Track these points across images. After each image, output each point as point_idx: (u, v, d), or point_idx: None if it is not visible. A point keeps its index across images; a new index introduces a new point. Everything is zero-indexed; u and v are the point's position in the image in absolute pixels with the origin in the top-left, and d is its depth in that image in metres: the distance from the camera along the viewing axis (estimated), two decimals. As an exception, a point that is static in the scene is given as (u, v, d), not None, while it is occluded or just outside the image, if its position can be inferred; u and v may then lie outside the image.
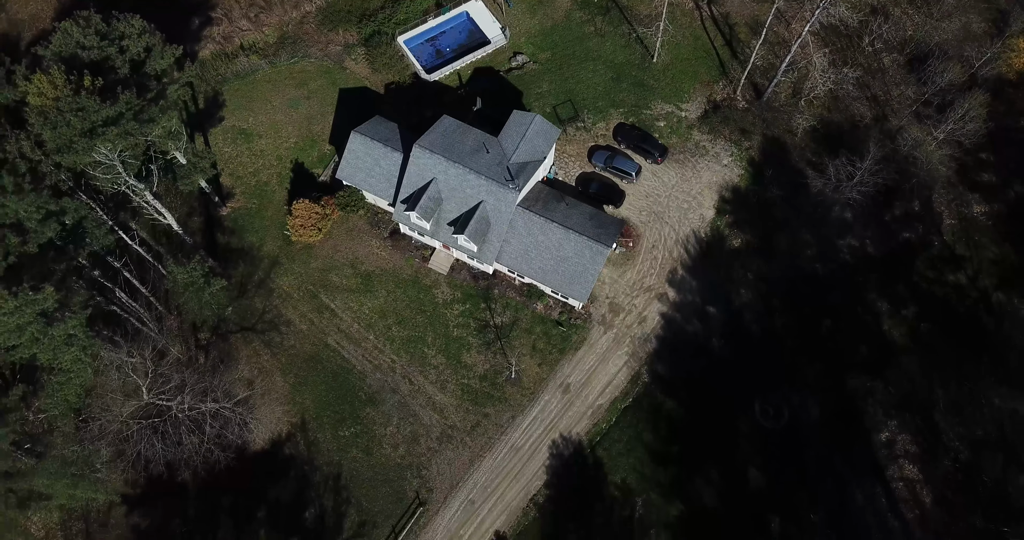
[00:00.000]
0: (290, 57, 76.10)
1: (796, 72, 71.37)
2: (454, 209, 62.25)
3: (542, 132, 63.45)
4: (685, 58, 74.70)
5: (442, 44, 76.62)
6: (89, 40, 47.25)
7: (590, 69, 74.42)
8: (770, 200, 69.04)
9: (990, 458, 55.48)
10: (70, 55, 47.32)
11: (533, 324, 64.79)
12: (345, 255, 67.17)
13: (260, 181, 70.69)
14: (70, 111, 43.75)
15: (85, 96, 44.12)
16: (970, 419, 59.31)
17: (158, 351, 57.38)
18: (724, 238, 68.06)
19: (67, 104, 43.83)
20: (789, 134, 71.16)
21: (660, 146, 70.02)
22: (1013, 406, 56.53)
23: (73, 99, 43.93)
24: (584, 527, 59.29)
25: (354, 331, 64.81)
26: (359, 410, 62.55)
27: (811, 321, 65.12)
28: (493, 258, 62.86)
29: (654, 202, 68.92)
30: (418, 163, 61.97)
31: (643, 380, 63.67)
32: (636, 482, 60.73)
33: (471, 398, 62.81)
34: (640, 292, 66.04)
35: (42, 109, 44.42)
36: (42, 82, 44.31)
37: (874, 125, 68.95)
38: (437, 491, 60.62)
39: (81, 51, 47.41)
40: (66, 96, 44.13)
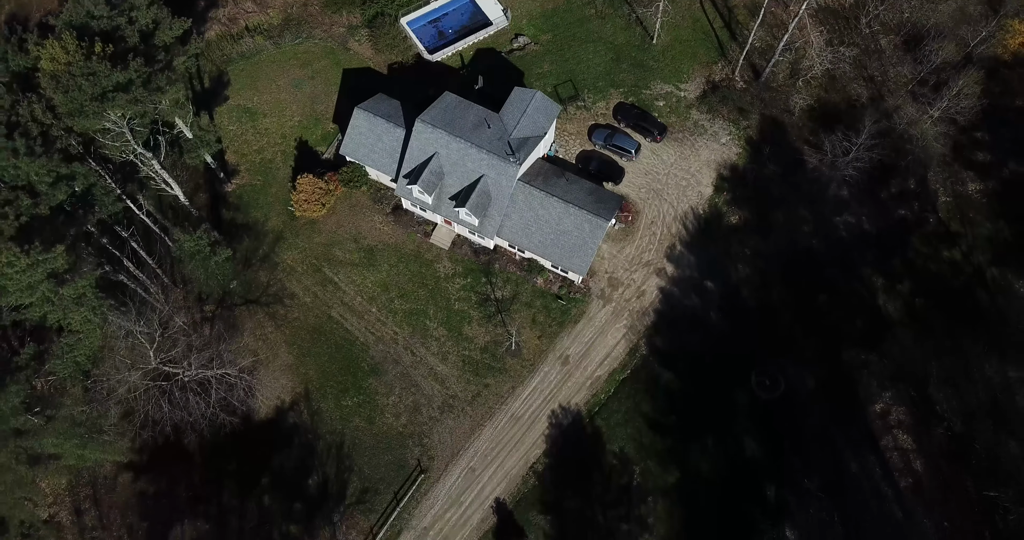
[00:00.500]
0: (294, 38, 77.42)
1: (793, 53, 72.61)
2: (455, 183, 63.52)
3: (543, 108, 64.71)
4: (684, 39, 75.93)
5: (444, 25, 77.93)
6: (99, 10, 48.69)
7: (590, 50, 75.62)
8: (768, 177, 70.24)
9: (982, 425, 56.52)
10: (81, 24, 48.76)
11: (533, 298, 66.02)
12: (348, 230, 68.47)
13: (265, 159, 72.02)
14: (82, 75, 45.15)
15: (96, 61, 45.51)
16: (964, 390, 60.33)
17: (163, 321, 58.52)
18: (722, 215, 69.29)
19: (79, 68, 45.24)
20: (787, 114, 72.36)
21: (659, 124, 71.26)
22: (1004, 375, 57.54)
23: (84, 64, 45.35)
24: (582, 494, 60.38)
25: (357, 304, 66.09)
26: (362, 380, 63.80)
27: (807, 296, 66.31)
28: (494, 232, 64.11)
29: (653, 179, 70.14)
30: (420, 138, 63.26)
31: (641, 352, 64.86)
32: (634, 451, 61.90)
33: (472, 369, 64.05)
34: (639, 267, 67.27)
35: (54, 74, 45.84)
36: (54, 47, 45.74)
37: (870, 104, 70.10)
38: (438, 459, 61.86)
39: (91, 20, 48.86)
40: (78, 61, 45.57)
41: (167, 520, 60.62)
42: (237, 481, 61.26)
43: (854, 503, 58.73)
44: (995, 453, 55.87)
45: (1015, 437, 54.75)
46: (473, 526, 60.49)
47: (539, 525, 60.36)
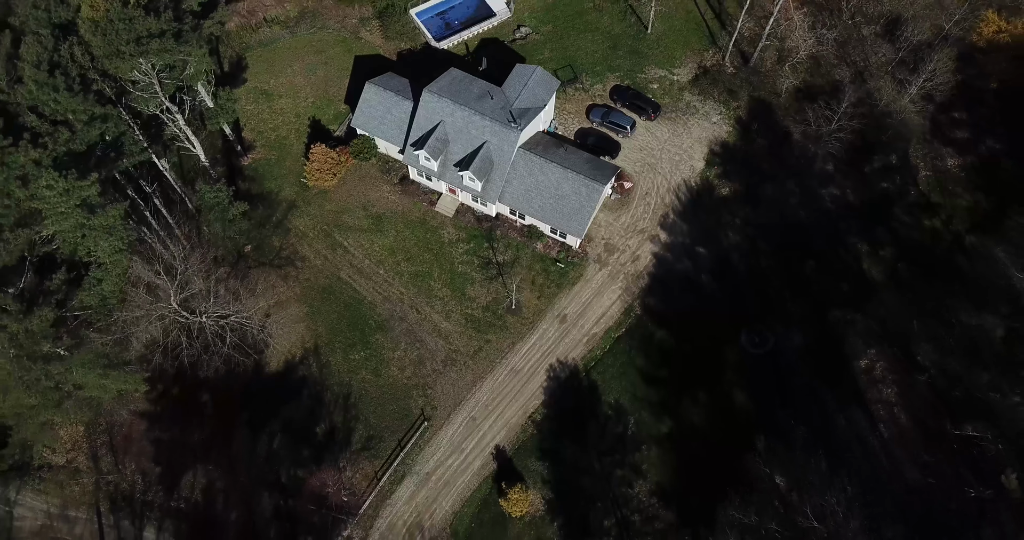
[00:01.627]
0: (309, 28, 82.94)
1: (779, 38, 77.40)
2: (460, 150, 68.06)
3: (543, 82, 69.59)
4: (677, 29, 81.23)
5: (451, 17, 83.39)
6: (134, -30, 53.93)
7: (589, 39, 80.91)
8: (757, 153, 74.62)
9: (959, 368, 59.56)
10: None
11: (533, 261, 69.95)
12: (358, 199, 72.83)
13: (279, 136, 76.83)
14: (119, 20, 50.01)
15: (132, 8, 50.48)
16: (944, 343, 63.47)
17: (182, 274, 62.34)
18: (713, 187, 73.50)
19: (116, 14, 50.12)
20: (774, 95, 77.14)
21: (653, 103, 76.06)
22: (979, 322, 60.72)
23: (122, 10, 50.26)
24: (579, 443, 63.33)
25: (365, 266, 70.06)
26: (369, 336, 67.38)
27: (795, 261, 70.08)
28: (496, 197, 68.38)
29: (648, 154, 74.62)
30: (427, 107, 68.04)
31: (635, 312, 68.46)
32: (629, 402, 65.07)
33: (474, 326, 67.63)
34: (634, 234, 71.31)
35: (93, 20, 50.73)
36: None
37: (852, 83, 74.64)
38: (441, 409, 65.07)
39: (126, -22, 54.06)
40: (115, 9, 50.48)
41: (179, 465, 63.56)
42: (248, 429, 64.29)
43: (840, 449, 61.34)
44: (971, 395, 58.76)
45: (989, 373, 57.71)
46: (474, 471, 63.37)
47: (537, 471, 63.25)
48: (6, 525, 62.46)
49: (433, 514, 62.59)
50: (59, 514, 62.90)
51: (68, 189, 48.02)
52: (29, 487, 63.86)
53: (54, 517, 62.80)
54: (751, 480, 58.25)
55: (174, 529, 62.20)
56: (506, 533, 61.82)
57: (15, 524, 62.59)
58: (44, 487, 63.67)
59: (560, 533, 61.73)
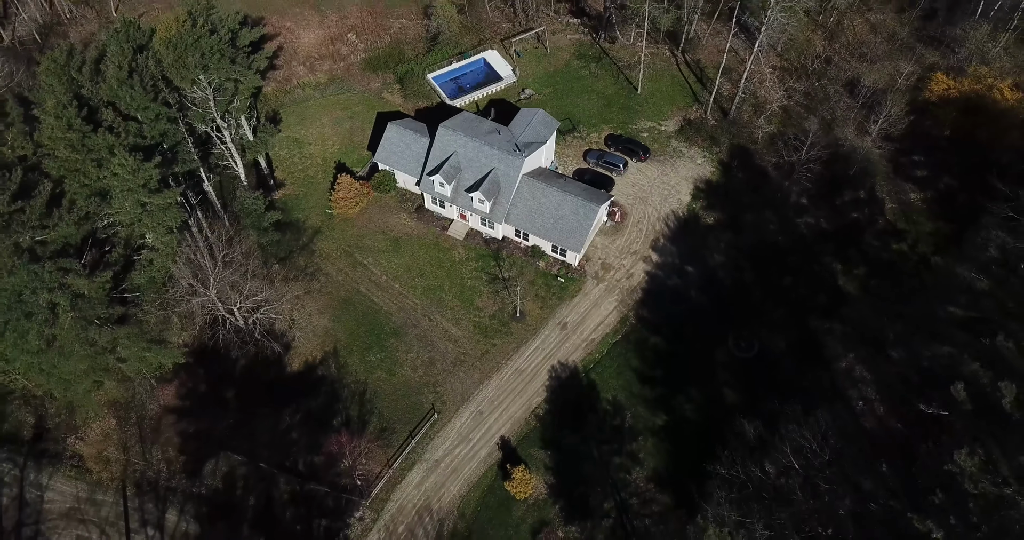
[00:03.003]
0: (338, 90, 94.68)
1: (754, 94, 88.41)
2: (471, 177, 77.26)
3: (544, 122, 79.93)
4: (664, 90, 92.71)
5: (463, 82, 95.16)
6: (200, 8, 65.20)
7: (585, 98, 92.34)
8: (738, 189, 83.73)
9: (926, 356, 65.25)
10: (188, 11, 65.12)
11: (536, 277, 77.47)
12: (377, 225, 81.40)
13: (308, 176, 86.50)
14: (188, 37, 60.45)
15: (200, 28, 61.07)
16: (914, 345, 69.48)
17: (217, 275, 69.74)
18: (699, 217, 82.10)
19: (186, 33, 60.65)
20: (752, 142, 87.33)
21: (644, 147, 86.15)
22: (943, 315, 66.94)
23: (190, 31, 60.83)
24: (579, 434, 68.33)
25: (383, 281, 77.55)
26: (384, 340, 73.87)
27: (775, 277, 77.38)
28: (503, 218, 76.90)
29: (639, 190, 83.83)
30: (442, 140, 77.96)
31: (631, 321, 75.17)
32: (625, 398, 70.52)
33: (481, 331, 74.21)
34: (628, 255, 79.20)
35: (167, 38, 61.16)
36: (169, 20, 61.45)
37: (820, 129, 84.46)
38: (450, 403, 70.52)
39: (197, 14, 65.23)
40: (186, 29, 61.08)
41: (203, 453, 68.36)
42: (269, 419, 69.47)
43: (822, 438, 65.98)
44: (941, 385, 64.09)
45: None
46: (480, 459, 67.97)
47: (540, 459, 67.84)
48: (37, 507, 66.46)
49: (441, 498, 66.56)
50: (87, 498, 66.99)
51: (136, 169, 56.52)
52: (60, 474, 68.30)
53: (82, 500, 66.89)
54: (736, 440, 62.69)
55: (195, 512, 66.07)
56: (510, 514, 65.56)
57: (45, 506, 66.60)
58: (75, 474, 68.10)
59: (561, 514, 65.45)
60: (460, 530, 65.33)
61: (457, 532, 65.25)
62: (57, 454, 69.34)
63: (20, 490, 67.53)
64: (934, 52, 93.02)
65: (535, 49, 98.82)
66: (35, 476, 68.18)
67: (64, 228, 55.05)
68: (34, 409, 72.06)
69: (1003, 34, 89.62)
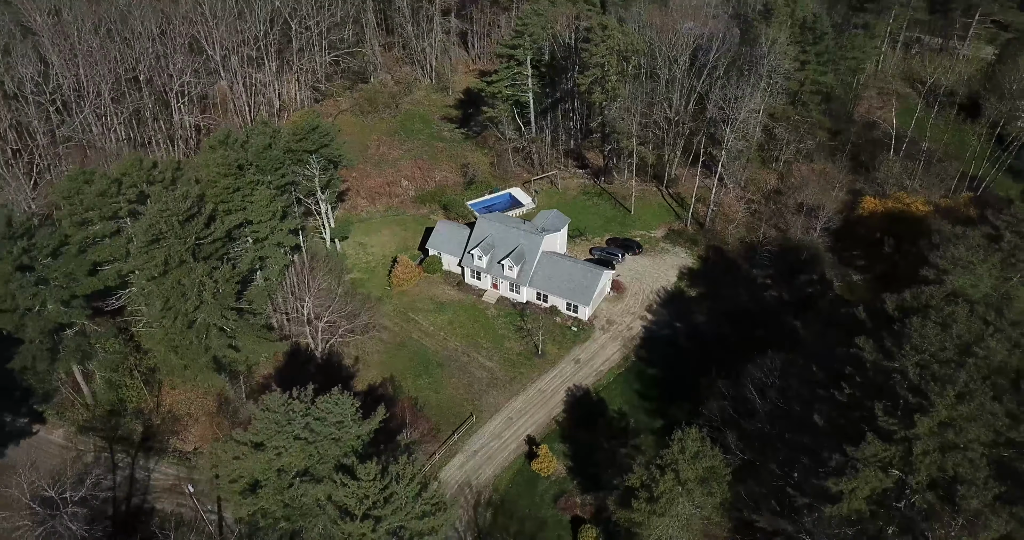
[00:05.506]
0: (394, 214, 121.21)
1: (724, 213, 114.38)
2: (502, 252, 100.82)
3: (558, 217, 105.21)
4: (652, 211, 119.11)
5: (494, 208, 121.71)
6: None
7: (590, 218, 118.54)
8: (714, 273, 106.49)
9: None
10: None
11: (553, 328, 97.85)
12: (426, 294, 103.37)
13: (371, 267, 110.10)
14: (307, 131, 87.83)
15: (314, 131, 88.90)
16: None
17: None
18: (684, 291, 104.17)
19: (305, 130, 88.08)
20: (724, 243, 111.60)
21: (638, 244, 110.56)
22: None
23: (309, 131, 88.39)
24: (591, 433, 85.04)
25: (430, 330, 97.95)
26: (431, 370, 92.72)
27: (747, 331, 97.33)
28: (527, 282, 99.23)
29: (635, 273, 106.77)
30: (480, 227, 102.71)
31: (631, 359, 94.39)
32: (629, 408, 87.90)
33: (510, 364, 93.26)
34: (628, 314, 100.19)
35: (293, 132, 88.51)
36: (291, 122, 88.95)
37: (774, 231, 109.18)
38: (485, 412, 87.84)
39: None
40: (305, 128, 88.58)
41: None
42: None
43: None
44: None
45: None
46: (511, 450, 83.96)
47: (559, 450, 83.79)
48: (145, 484, 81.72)
49: (479, 477, 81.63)
50: (186, 477, 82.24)
51: (272, 198, 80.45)
52: (164, 461, 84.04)
53: (182, 479, 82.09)
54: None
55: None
56: (536, 488, 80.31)
57: (151, 483, 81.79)
58: (176, 460, 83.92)
59: (578, 487, 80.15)
60: (494, 500, 79.63)
61: (492, 501, 79.51)
62: (162, 450, 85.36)
63: (131, 472, 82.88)
64: (861, 181, 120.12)
65: (549, 189, 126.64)
66: (144, 462, 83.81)
67: (218, 234, 77.44)
68: (142, 420, 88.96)
69: (915, 166, 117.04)
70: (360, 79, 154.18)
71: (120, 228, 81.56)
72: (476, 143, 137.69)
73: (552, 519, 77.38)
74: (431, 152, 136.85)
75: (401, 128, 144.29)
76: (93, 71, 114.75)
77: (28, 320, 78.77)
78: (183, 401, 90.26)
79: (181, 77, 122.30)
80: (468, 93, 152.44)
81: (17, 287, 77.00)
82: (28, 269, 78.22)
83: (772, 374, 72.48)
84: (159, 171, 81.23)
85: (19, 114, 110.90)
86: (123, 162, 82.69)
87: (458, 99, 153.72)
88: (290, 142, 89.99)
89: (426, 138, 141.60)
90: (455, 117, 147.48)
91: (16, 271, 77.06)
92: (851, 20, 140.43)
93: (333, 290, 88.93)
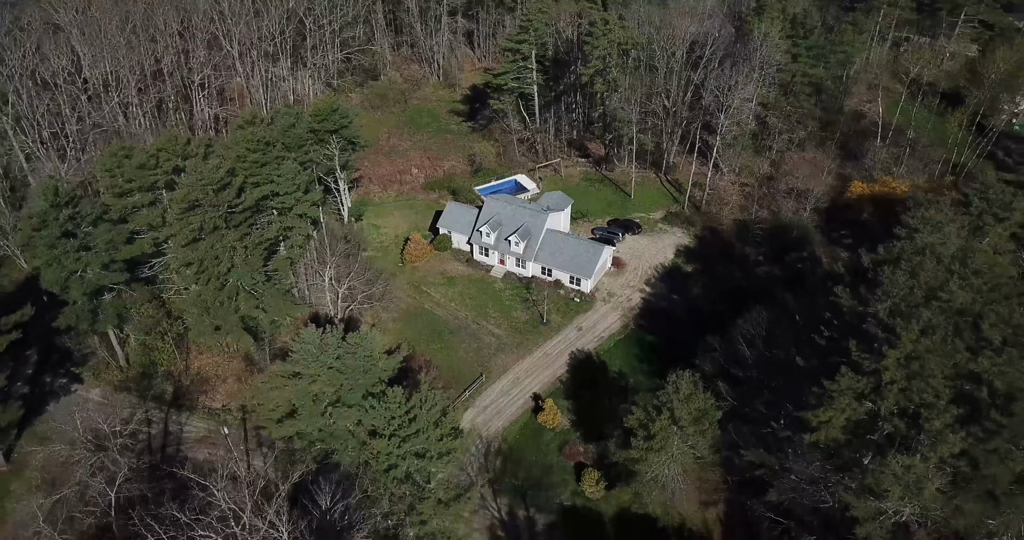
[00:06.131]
0: (405, 199, 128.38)
1: (719, 197, 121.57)
2: (509, 229, 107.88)
3: (562, 198, 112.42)
4: (651, 195, 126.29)
5: (500, 194, 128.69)
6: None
7: (592, 202, 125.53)
8: (710, 251, 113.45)
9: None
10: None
11: (558, 300, 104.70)
12: (437, 270, 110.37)
13: (384, 246, 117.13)
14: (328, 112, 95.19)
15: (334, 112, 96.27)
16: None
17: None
18: (680, 267, 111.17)
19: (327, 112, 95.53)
20: (719, 224, 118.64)
21: (637, 224, 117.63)
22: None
23: (330, 113, 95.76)
24: (593, 391, 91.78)
25: (441, 302, 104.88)
26: (444, 336, 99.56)
27: (741, 304, 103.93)
28: (532, 257, 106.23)
29: (635, 251, 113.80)
30: (488, 206, 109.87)
31: (631, 327, 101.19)
32: (628, 370, 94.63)
33: (517, 331, 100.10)
34: (627, 288, 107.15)
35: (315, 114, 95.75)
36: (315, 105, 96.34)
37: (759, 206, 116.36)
38: (494, 372, 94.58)
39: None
40: (328, 109, 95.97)
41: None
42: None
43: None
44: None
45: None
46: (518, 406, 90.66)
47: (564, 406, 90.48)
48: (178, 436, 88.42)
49: (489, 429, 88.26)
50: (215, 430, 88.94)
51: (296, 172, 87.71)
52: (195, 416, 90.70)
53: (212, 431, 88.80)
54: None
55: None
56: (541, 438, 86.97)
57: (183, 435, 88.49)
58: (206, 416, 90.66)
59: (581, 438, 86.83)
60: (504, 449, 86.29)
61: (502, 450, 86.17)
62: (192, 407, 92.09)
63: (165, 425, 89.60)
64: (851, 166, 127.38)
65: (552, 176, 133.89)
66: (176, 417, 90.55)
67: (247, 203, 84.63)
68: (173, 382, 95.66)
69: (900, 153, 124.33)
70: (371, 76, 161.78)
71: (156, 199, 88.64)
72: (482, 135, 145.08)
73: (557, 465, 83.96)
74: (439, 144, 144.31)
75: (410, 122, 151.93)
76: (120, 64, 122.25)
77: (72, 282, 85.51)
78: (211, 364, 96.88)
79: (202, 71, 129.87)
80: (474, 90, 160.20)
81: (63, 252, 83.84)
82: (72, 235, 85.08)
83: (759, 326, 79.20)
84: (193, 147, 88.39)
85: (53, 102, 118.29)
86: (159, 139, 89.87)
87: (464, 95, 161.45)
88: (312, 123, 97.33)
89: (434, 131, 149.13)
90: (462, 112, 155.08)
91: (62, 237, 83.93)
92: (842, 19, 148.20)
93: (353, 257, 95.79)
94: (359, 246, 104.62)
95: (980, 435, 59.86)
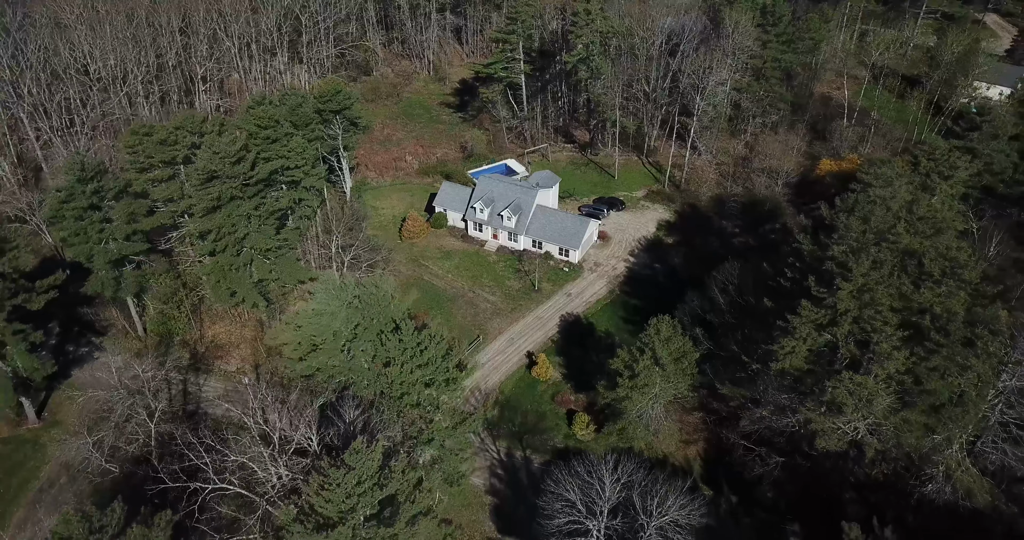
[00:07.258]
0: (401, 182, 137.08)
1: (698, 177, 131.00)
2: (501, 205, 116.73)
3: (551, 176, 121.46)
4: (634, 176, 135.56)
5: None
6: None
7: (578, 182, 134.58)
8: (689, 225, 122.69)
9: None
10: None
11: (548, 270, 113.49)
12: (434, 245, 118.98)
13: (382, 224, 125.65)
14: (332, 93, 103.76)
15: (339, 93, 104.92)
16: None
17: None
18: (662, 239, 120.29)
19: (332, 93, 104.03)
20: (698, 200, 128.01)
21: (621, 202, 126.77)
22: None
23: (335, 94, 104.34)
24: (582, 348, 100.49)
25: (439, 273, 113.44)
26: (442, 304, 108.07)
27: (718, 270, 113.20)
28: (523, 231, 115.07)
29: (619, 225, 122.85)
30: (481, 185, 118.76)
31: (616, 293, 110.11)
32: (614, 330, 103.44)
33: (511, 297, 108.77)
34: (613, 258, 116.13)
35: (318, 97, 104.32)
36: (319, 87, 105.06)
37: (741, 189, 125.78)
38: (490, 334, 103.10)
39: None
40: (332, 90, 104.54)
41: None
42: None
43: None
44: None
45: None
46: (513, 362, 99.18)
47: (555, 362, 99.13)
48: (197, 395, 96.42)
49: (487, 382, 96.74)
50: (232, 389, 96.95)
51: (305, 147, 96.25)
52: (213, 377, 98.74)
53: (228, 390, 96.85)
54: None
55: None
56: (535, 389, 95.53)
57: (202, 394, 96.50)
58: (223, 377, 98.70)
59: (572, 389, 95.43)
60: (501, 399, 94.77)
61: (499, 400, 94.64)
62: (208, 370, 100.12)
63: (184, 385, 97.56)
64: (820, 146, 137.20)
65: (540, 161, 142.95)
66: (195, 378, 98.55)
67: (260, 175, 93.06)
68: (189, 349, 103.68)
69: (865, 132, 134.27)
70: (363, 71, 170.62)
71: (175, 173, 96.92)
72: (472, 125, 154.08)
73: (550, 412, 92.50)
74: (431, 133, 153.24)
75: (403, 114, 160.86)
76: (126, 58, 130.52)
77: (96, 252, 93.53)
78: (224, 333, 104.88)
79: (204, 64, 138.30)
80: (463, 83, 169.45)
81: (88, 223, 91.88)
82: (96, 208, 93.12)
83: (731, 275, 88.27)
84: (209, 124, 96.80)
85: (65, 94, 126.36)
86: (177, 117, 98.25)
87: (454, 88, 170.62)
88: (317, 103, 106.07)
89: (426, 121, 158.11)
90: (452, 104, 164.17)
91: (88, 209, 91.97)
92: (810, 10, 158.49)
93: (357, 228, 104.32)
94: (362, 218, 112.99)
95: (922, 355, 68.95)
